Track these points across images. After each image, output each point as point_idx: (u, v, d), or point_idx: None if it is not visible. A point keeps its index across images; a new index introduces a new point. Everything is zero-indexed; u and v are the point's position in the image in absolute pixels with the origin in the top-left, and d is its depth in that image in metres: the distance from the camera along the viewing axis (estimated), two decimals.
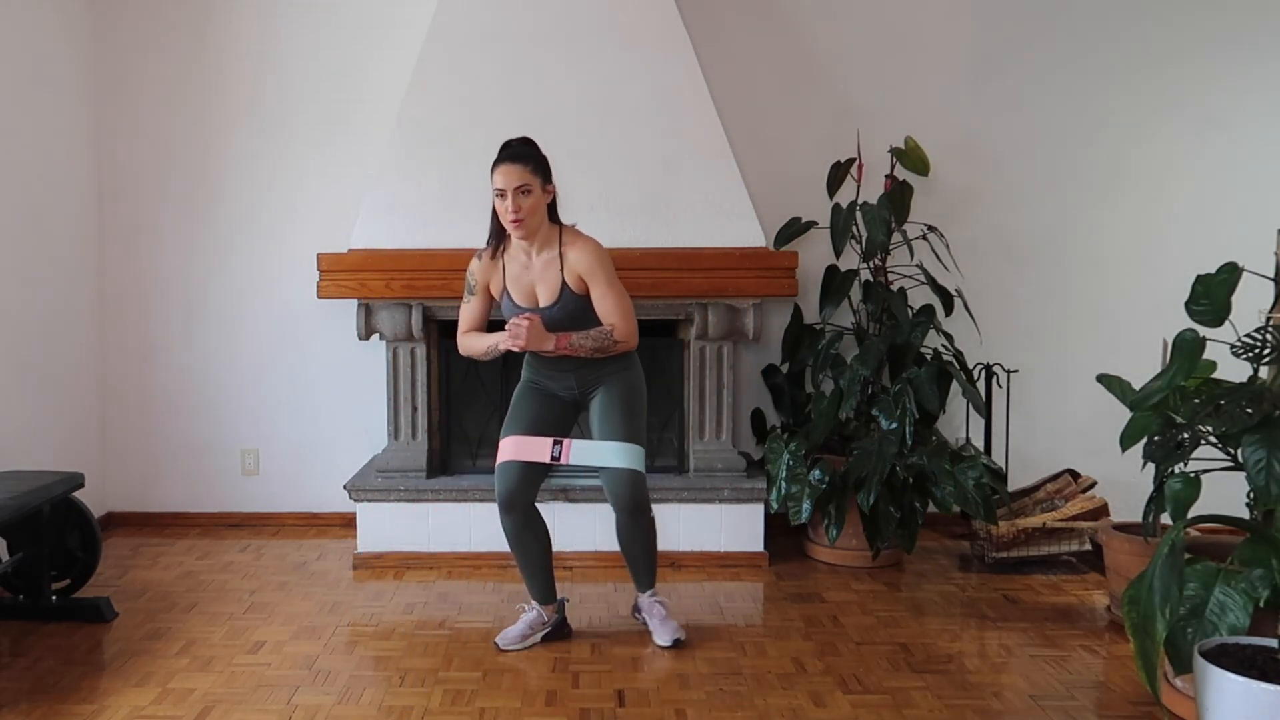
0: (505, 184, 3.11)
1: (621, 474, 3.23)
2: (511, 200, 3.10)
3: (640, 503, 3.28)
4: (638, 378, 3.37)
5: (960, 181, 4.73)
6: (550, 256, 3.23)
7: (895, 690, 3.02)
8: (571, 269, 3.20)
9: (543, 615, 3.38)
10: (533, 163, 3.15)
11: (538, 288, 3.25)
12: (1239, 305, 2.84)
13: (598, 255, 3.22)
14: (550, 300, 3.23)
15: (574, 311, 3.23)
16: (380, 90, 4.64)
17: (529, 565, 3.37)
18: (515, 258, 3.27)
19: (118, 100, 4.69)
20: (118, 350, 4.77)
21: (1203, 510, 2.75)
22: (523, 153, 3.17)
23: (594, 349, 3.22)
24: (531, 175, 3.12)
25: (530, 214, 3.13)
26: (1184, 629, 2.50)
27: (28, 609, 3.55)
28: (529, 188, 3.11)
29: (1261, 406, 2.64)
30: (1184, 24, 4.67)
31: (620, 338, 3.24)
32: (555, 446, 3.24)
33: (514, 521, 3.30)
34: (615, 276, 3.25)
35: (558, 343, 3.20)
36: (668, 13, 4.34)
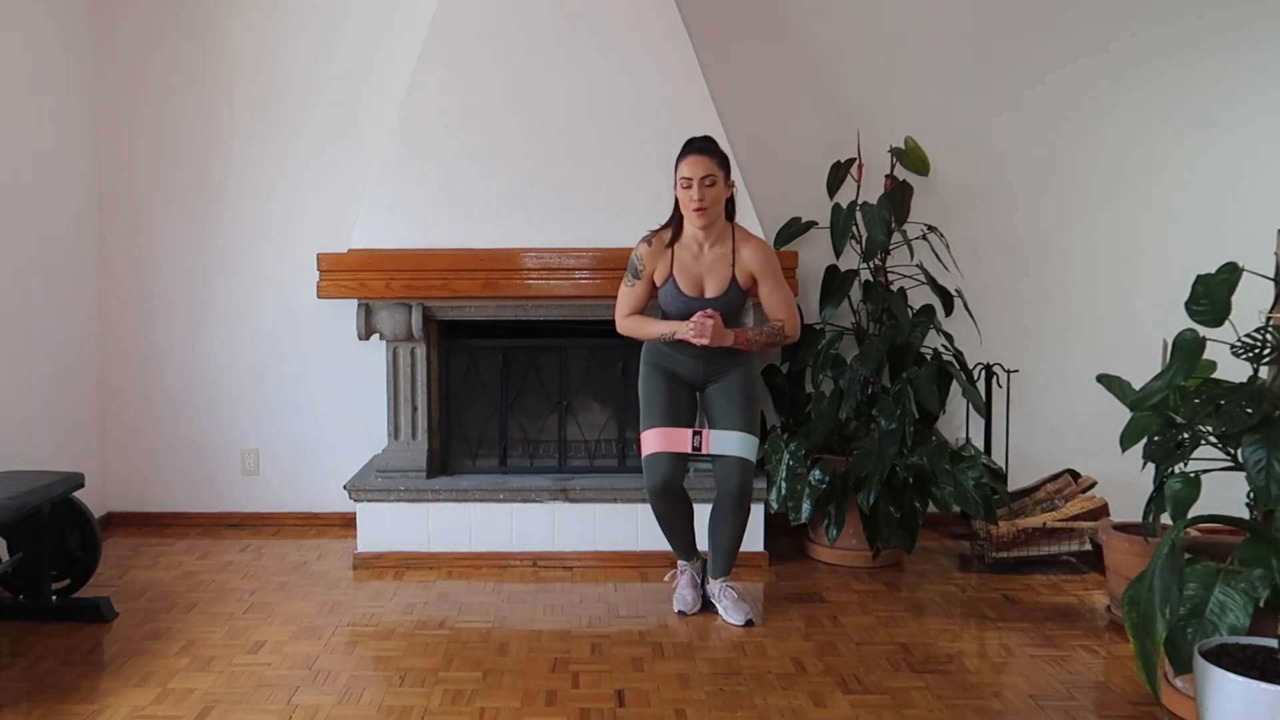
0: (693, 173, 3.29)
1: (735, 462, 3.44)
2: (697, 189, 3.28)
3: (747, 490, 3.48)
4: (756, 371, 3.64)
5: (960, 181, 4.73)
6: (722, 251, 3.41)
7: (895, 690, 3.02)
8: (744, 265, 3.40)
9: (695, 569, 3.73)
10: (718, 157, 3.35)
11: (706, 279, 3.42)
12: (1239, 305, 2.84)
13: (771, 255, 3.44)
14: (718, 292, 3.42)
15: (734, 306, 3.47)
16: (381, 90, 4.64)
17: (677, 535, 3.66)
18: (687, 247, 3.43)
19: (118, 101, 4.69)
20: (118, 350, 4.77)
21: (1203, 510, 2.75)
22: (709, 146, 3.37)
23: (766, 344, 3.48)
24: (717, 168, 3.32)
25: (713, 204, 3.32)
26: (1184, 629, 2.50)
27: (28, 609, 3.54)
28: (714, 179, 3.30)
29: (1261, 406, 2.64)
30: (1184, 24, 4.67)
31: (790, 333, 3.49)
32: (695, 437, 3.46)
33: (667, 505, 3.53)
34: (783, 274, 3.49)
35: (736, 338, 3.41)
36: (668, 13, 4.34)
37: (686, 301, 3.43)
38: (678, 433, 3.48)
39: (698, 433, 3.47)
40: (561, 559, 4.19)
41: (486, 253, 4.19)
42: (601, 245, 4.22)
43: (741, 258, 3.40)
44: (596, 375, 4.50)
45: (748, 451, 3.47)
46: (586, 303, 4.25)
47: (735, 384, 3.51)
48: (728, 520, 3.53)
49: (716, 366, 3.52)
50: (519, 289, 4.21)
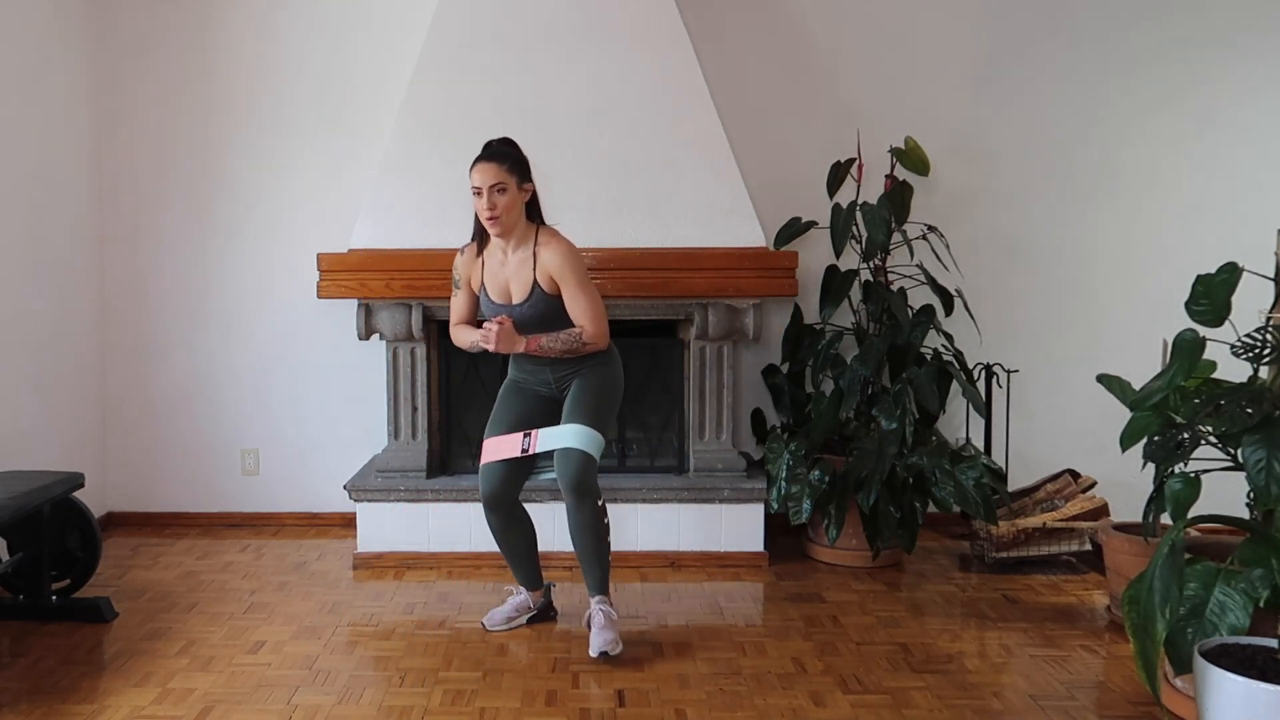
0: (481, 182, 3.19)
1: (570, 453, 3.23)
2: (487, 198, 3.18)
3: (584, 484, 3.23)
4: (613, 372, 3.42)
5: (960, 181, 4.73)
6: (525, 255, 3.30)
7: (895, 690, 3.02)
8: (543, 269, 3.27)
9: (529, 600, 3.53)
10: (509, 161, 3.22)
11: (511, 285, 3.32)
12: (1239, 305, 2.84)
13: (568, 256, 3.27)
14: (522, 298, 3.31)
15: (545, 311, 3.30)
16: (380, 90, 4.64)
17: (515, 557, 3.50)
18: (493, 254, 3.36)
19: (118, 100, 4.70)
20: (118, 350, 4.77)
21: (1203, 510, 2.76)
22: (500, 151, 3.24)
23: (563, 350, 3.30)
24: (507, 174, 3.19)
25: (506, 211, 3.20)
26: (1184, 629, 2.50)
27: (28, 609, 3.54)
28: (504, 186, 3.18)
29: (1261, 406, 2.64)
30: (1185, 23, 4.67)
31: (589, 339, 3.30)
32: (525, 439, 3.30)
33: (499, 520, 3.41)
34: (586, 278, 3.31)
35: (527, 345, 3.28)
36: (668, 13, 4.34)
37: (495, 308, 3.36)
38: (507, 439, 3.35)
39: (527, 434, 3.31)
40: (561, 559, 4.19)
41: None
42: (602, 245, 4.22)
43: (541, 261, 3.27)
44: None
45: (583, 442, 3.24)
46: None
47: (585, 384, 3.37)
48: (574, 522, 3.30)
49: (566, 373, 3.40)
50: None
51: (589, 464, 3.25)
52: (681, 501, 4.21)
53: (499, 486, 3.36)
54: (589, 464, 3.25)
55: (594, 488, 3.27)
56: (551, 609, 3.60)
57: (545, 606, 3.58)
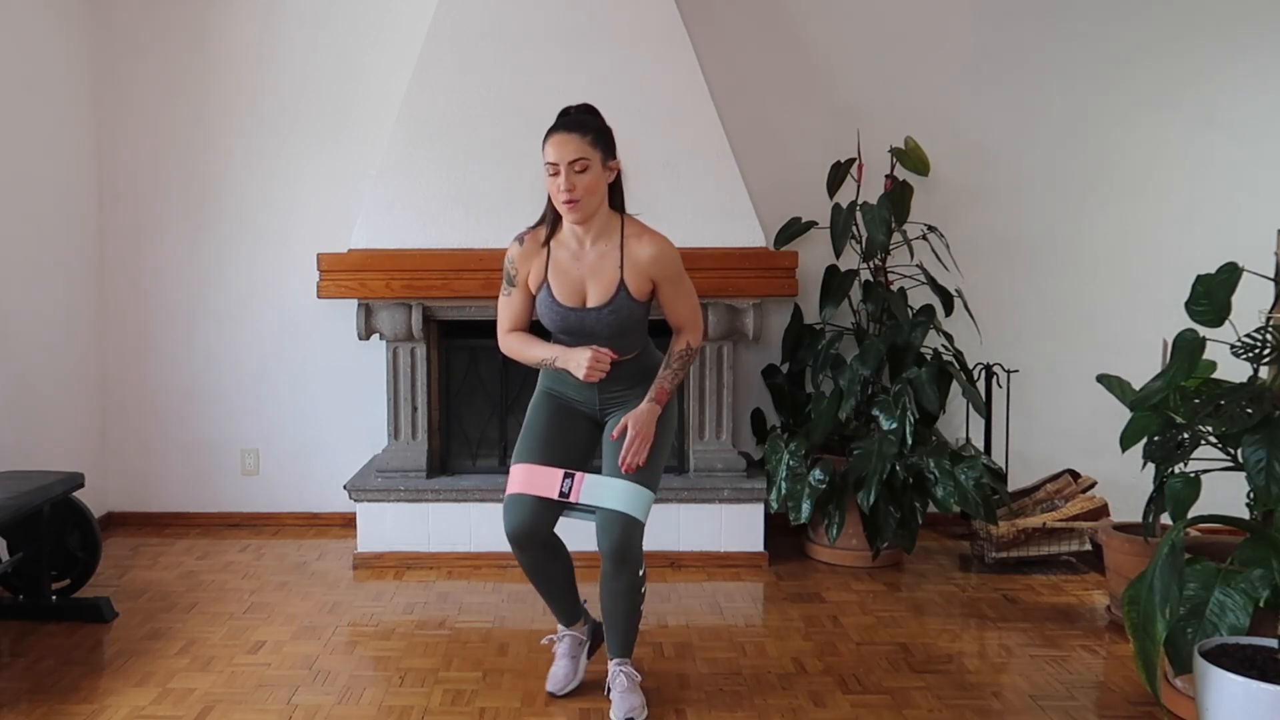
0: (558, 157, 2.62)
1: (616, 517, 2.72)
2: (565, 177, 2.62)
3: (629, 553, 2.74)
4: (670, 408, 2.88)
5: (960, 181, 4.73)
6: (608, 248, 2.74)
7: (895, 690, 3.02)
8: (635, 266, 2.72)
9: (578, 635, 3.05)
10: (593, 133, 2.66)
11: (588, 284, 2.75)
12: (1239, 305, 2.84)
13: (670, 251, 2.76)
14: (601, 300, 2.74)
15: (625, 320, 2.76)
16: (380, 90, 4.64)
17: (553, 593, 2.97)
18: (565, 245, 2.78)
19: (117, 100, 4.69)
20: (118, 350, 4.77)
21: (1203, 510, 2.76)
22: (582, 120, 2.69)
23: (683, 377, 2.87)
24: (590, 148, 2.64)
25: (588, 194, 2.64)
26: (1184, 629, 2.50)
27: (28, 609, 3.54)
28: (587, 163, 2.63)
29: (1261, 406, 2.64)
30: (1185, 22, 4.66)
31: (696, 344, 2.87)
32: (566, 481, 2.78)
33: (530, 558, 2.87)
34: (685, 274, 2.83)
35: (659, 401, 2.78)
36: (668, 13, 4.34)
37: (564, 313, 2.76)
38: (545, 472, 2.79)
39: (569, 475, 2.78)
40: None
41: (487, 253, 4.19)
42: None
43: (633, 257, 2.72)
44: None
45: (632, 506, 2.72)
46: None
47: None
48: (608, 588, 2.81)
49: (616, 392, 2.85)
50: None
51: (634, 530, 2.74)
52: (681, 501, 4.21)
53: (530, 522, 2.79)
54: (634, 530, 2.74)
55: (637, 556, 2.77)
56: (598, 628, 3.08)
57: (594, 630, 3.08)
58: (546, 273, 2.78)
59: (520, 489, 2.80)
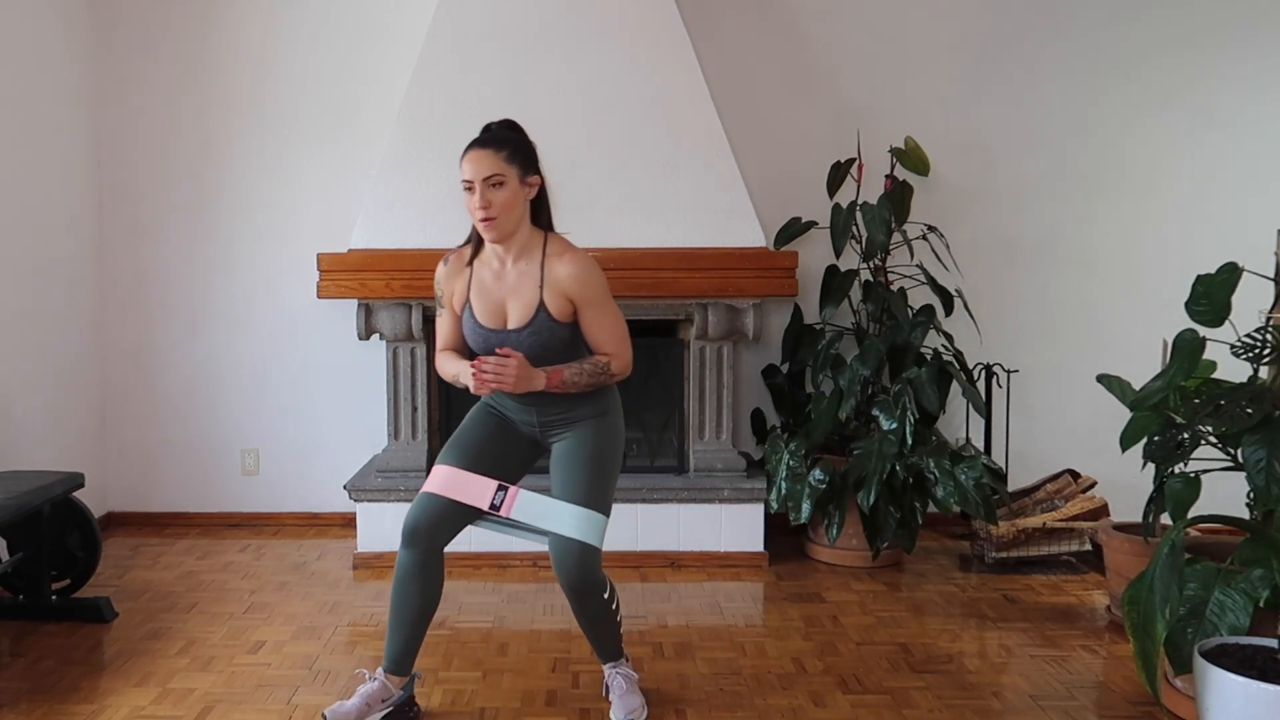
0: (473, 174, 2.59)
1: (570, 546, 2.60)
2: (480, 193, 2.57)
3: (588, 583, 2.64)
4: (614, 425, 2.78)
5: (960, 181, 4.73)
6: (528, 267, 2.65)
7: (895, 690, 3.02)
8: (555, 286, 2.62)
9: (387, 687, 2.74)
10: (509, 148, 2.60)
11: (508, 304, 2.67)
12: (1239, 305, 2.84)
13: (592, 272, 2.64)
14: (521, 322, 2.65)
15: (547, 341, 2.65)
16: (380, 90, 4.64)
17: (401, 619, 2.73)
18: (487, 264, 2.71)
19: (118, 101, 4.69)
20: (118, 350, 4.77)
21: (1203, 510, 2.76)
22: (499, 136, 2.65)
23: (589, 384, 2.68)
24: (506, 164, 2.58)
25: (504, 211, 2.58)
26: (1184, 629, 2.50)
27: (28, 609, 3.54)
28: (502, 179, 2.57)
29: (1261, 406, 2.64)
30: (1185, 22, 4.66)
31: (618, 369, 2.72)
32: (499, 494, 2.67)
33: (411, 560, 2.69)
34: (609, 296, 2.70)
35: (549, 380, 2.61)
36: (668, 13, 4.34)
37: (485, 335, 2.68)
38: (475, 480, 2.68)
39: (504, 488, 2.67)
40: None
41: None
42: (602, 245, 4.21)
43: (553, 276, 2.61)
44: None
45: (585, 532, 2.60)
46: None
47: (581, 442, 2.71)
48: (578, 616, 2.76)
49: (556, 416, 2.74)
50: None
51: (591, 558, 2.62)
52: (681, 501, 4.21)
53: (433, 521, 2.67)
54: (591, 558, 2.62)
55: (598, 582, 2.67)
56: (413, 707, 2.82)
57: (405, 703, 2.79)
58: (469, 293, 2.71)
59: (439, 490, 2.69)
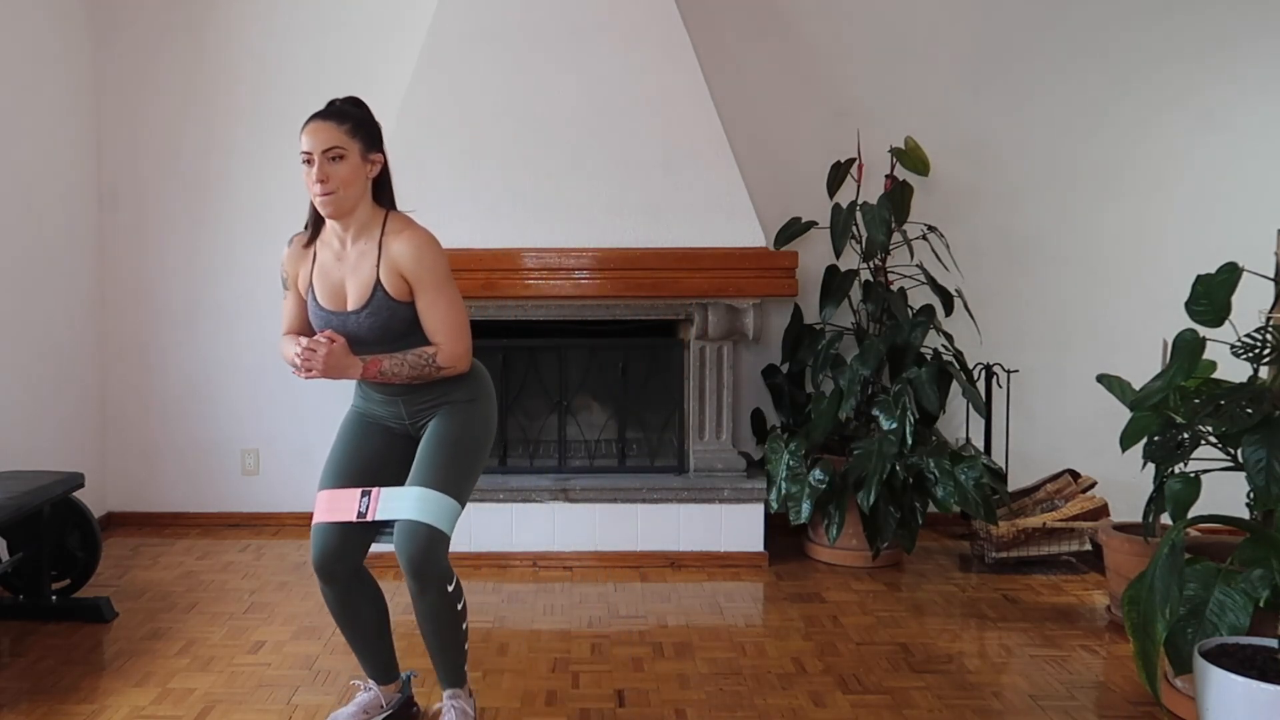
0: (312, 145, 2.47)
1: (412, 528, 2.48)
2: (318, 167, 2.46)
3: (430, 568, 2.50)
4: (481, 411, 2.65)
5: (960, 181, 4.73)
6: (367, 247, 2.55)
7: (895, 690, 3.02)
8: (391, 264, 2.52)
9: (380, 698, 2.75)
10: (351, 122, 2.52)
11: (348, 285, 2.57)
12: (1239, 305, 2.84)
13: (425, 247, 2.53)
14: (359, 303, 2.55)
15: (388, 321, 2.54)
16: (381, 90, 4.61)
17: (360, 639, 2.72)
18: (328, 245, 2.61)
19: (118, 100, 4.69)
20: (118, 350, 4.77)
21: (1203, 510, 2.76)
22: (342, 110, 2.56)
23: (411, 376, 2.54)
24: (347, 137, 2.49)
25: (344, 186, 2.48)
26: (1184, 629, 2.50)
27: (28, 609, 3.54)
28: (342, 152, 2.47)
29: (1261, 406, 2.64)
30: (1184, 23, 4.66)
31: (444, 362, 2.54)
32: (363, 499, 2.56)
33: (336, 592, 2.63)
34: (448, 280, 2.57)
35: (365, 370, 2.52)
36: (668, 13, 4.34)
37: (326, 317, 2.58)
38: (343, 495, 2.59)
39: (366, 493, 2.56)
40: (561, 559, 4.19)
41: (486, 253, 4.19)
42: (602, 245, 4.22)
43: (389, 254, 2.51)
44: (596, 375, 4.50)
45: (428, 512, 2.49)
46: (586, 303, 4.25)
47: (443, 430, 2.60)
48: (417, 609, 2.59)
49: (423, 406, 2.63)
50: (519, 289, 4.21)
51: (435, 542, 2.50)
52: (681, 501, 4.21)
53: (332, 552, 2.57)
54: (435, 542, 2.50)
55: (441, 571, 2.53)
56: (412, 706, 2.84)
57: (404, 703, 2.81)
58: (312, 275, 2.62)
59: (321, 517, 2.60)
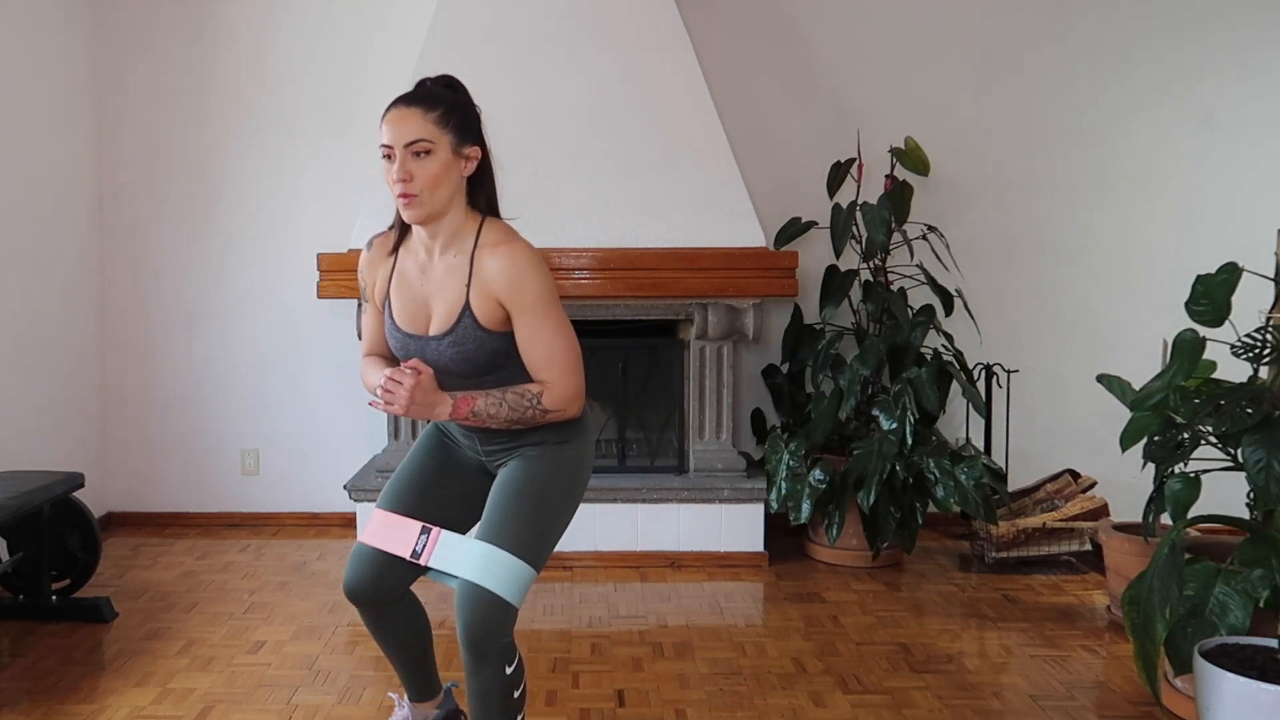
0: (393, 138, 2.08)
1: (475, 593, 2.09)
2: (400, 163, 2.07)
3: (488, 641, 2.11)
4: (574, 461, 2.25)
5: (960, 181, 4.73)
6: (457, 260, 2.14)
7: (895, 690, 3.02)
8: (483, 285, 2.10)
9: (420, 715, 2.51)
10: (442, 109, 2.10)
11: (432, 304, 2.17)
12: (1239, 305, 2.84)
13: (528, 268, 2.09)
14: (443, 328, 2.14)
15: (471, 354, 2.14)
16: (380, 90, 4.60)
17: (396, 659, 2.44)
18: (413, 253, 2.22)
19: (118, 101, 4.69)
20: (118, 350, 4.77)
21: (1203, 510, 2.76)
22: (433, 94, 2.13)
23: (511, 420, 2.13)
24: (436, 128, 2.08)
25: (430, 187, 2.08)
26: (1184, 629, 2.50)
27: (28, 609, 3.55)
28: (430, 145, 2.07)
29: (1261, 406, 2.64)
30: (1185, 20, 4.66)
31: (552, 404, 2.13)
32: (421, 537, 2.21)
33: (370, 617, 2.34)
34: (554, 305, 2.13)
35: (454, 411, 2.11)
36: (668, 13, 4.34)
37: (403, 341, 2.20)
38: (402, 524, 2.23)
39: (426, 530, 2.21)
40: (561, 559, 4.19)
41: None
42: (601, 245, 4.22)
43: (482, 271, 2.10)
44: (596, 375, 4.50)
45: (496, 580, 2.09)
46: (587, 303, 4.25)
47: (524, 472, 2.20)
48: (470, 684, 2.17)
49: (503, 446, 2.24)
50: None
51: (499, 613, 2.10)
52: (681, 501, 4.21)
53: (370, 580, 2.26)
54: (499, 613, 2.10)
55: (503, 648, 2.14)
56: (459, 716, 2.54)
57: (450, 715, 2.53)
58: (390, 287, 2.24)
59: (369, 540, 2.27)
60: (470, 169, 2.16)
